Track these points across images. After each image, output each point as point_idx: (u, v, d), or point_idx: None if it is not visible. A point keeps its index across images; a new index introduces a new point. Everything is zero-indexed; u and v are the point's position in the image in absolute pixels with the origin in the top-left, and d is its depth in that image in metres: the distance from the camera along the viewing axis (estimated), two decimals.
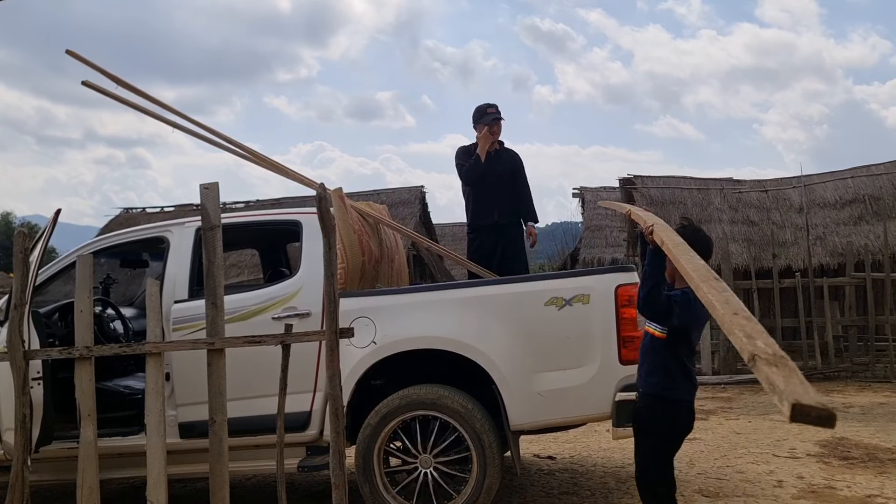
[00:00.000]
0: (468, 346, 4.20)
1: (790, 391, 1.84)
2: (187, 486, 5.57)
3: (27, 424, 3.84)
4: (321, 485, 5.39)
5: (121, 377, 5.23)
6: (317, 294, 4.25)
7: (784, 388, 1.86)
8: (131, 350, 3.98)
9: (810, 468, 5.46)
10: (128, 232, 5.05)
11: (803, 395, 1.81)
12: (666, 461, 3.44)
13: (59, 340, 4.70)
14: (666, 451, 3.43)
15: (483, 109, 5.89)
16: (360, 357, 4.23)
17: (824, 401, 1.78)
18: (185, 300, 4.47)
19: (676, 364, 3.28)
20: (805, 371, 10.56)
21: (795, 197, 14.46)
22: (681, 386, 3.30)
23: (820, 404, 1.76)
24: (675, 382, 3.28)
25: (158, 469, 3.74)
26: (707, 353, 11.06)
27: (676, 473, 5.32)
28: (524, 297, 4.30)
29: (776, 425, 7.18)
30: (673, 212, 14.54)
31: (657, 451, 3.41)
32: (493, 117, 5.85)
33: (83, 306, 3.89)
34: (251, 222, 5.28)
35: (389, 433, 4.23)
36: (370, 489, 4.22)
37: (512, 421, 4.17)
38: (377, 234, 5.22)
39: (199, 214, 3.88)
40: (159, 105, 4.93)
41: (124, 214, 19.76)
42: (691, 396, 3.35)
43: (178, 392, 4.37)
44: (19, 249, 3.92)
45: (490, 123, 5.83)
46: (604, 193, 22.47)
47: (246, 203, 19.14)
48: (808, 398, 1.79)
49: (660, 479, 3.43)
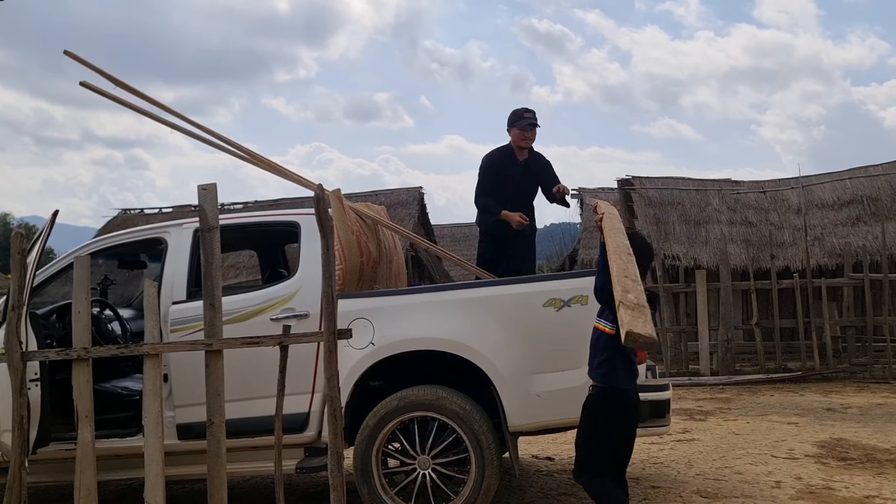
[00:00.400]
0: (466, 347, 4.20)
1: (630, 324, 2.74)
2: (185, 488, 5.57)
3: (25, 426, 3.83)
4: (319, 486, 5.38)
5: (119, 378, 5.21)
6: (315, 295, 4.25)
7: (627, 322, 2.76)
8: (129, 351, 3.97)
9: (808, 469, 5.46)
10: (126, 233, 5.04)
11: (638, 327, 2.72)
12: (606, 455, 3.65)
13: (56, 342, 4.69)
14: (607, 445, 3.64)
15: (519, 114, 5.70)
16: (358, 358, 4.22)
17: (652, 334, 2.74)
18: (183, 301, 4.47)
19: (622, 357, 3.59)
20: (803, 372, 10.58)
21: (793, 198, 14.49)
22: (624, 376, 3.62)
23: (647, 334, 2.71)
24: (619, 373, 3.60)
25: (156, 470, 3.73)
26: (705, 354, 11.07)
27: (675, 475, 5.35)
28: (522, 298, 4.30)
29: (774, 426, 7.19)
30: (671, 212, 14.57)
31: (599, 442, 3.65)
32: (528, 122, 5.65)
33: (81, 307, 3.88)
34: (249, 223, 5.28)
35: (388, 434, 4.23)
36: (368, 490, 4.21)
37: (510, 422, 4.17)
38: (375, 235, 5.22)
39: (198, 215, 3.87)
40: (158, 106, 4.92)
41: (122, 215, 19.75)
42: (634, 386, 3.69)
43: (176, 393, 4.36)
44: (17, 250, 3.91)
45: (525, 128, 5.65)
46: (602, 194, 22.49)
47: (244, 204, 19.14)
48: (639, 329, 2.71)
49: (595, 471, 3.65)
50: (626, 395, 3.63)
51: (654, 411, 4.27)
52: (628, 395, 3.65)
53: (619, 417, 3.63)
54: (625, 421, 3.65)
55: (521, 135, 5.68)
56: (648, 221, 14.39)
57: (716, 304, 11.29)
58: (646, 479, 5.32)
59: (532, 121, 5.67)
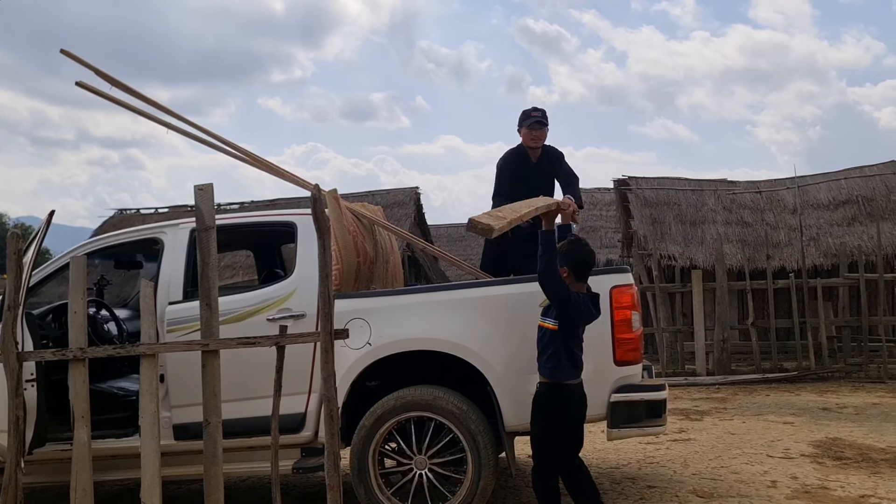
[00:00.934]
0: (463, 347, 4.21)
1: (477, 218, 3.96)
2: (181, 488, 5.56)
3: (21, 426, 3.83)
4: (316, 486, 5.38)
5: (115, 379, 5.21)
6: (312, 295, 4.25)
7: (476, 217, 3.95)
8: (125, 351, 3.97)
9: (804, 468, 5.48)
10: (122, 233, 5.03)
11: (481, 217, 3.98)
12: (559, 451, 3.87)
13: (52, 342, 4.68)
14: (559, 440, 3.85)
15: (528, 113, 5.62)
16: (355, 358, 4.22)
17: (491, 224, 3.92)
18: (180, 301, 4.46)
19: (566, 352, 3.82)
20: (799, 371, 10.61)
21: (789, 198, 14.53)
22: (569, 371, 3.84)
23: (485, 222, 3.93)
24: (565, 368, 3.82)
25: (153, 471, 3.74)
26: (701, 354, 11.09)
27: (671, 475, 5.36)
28: (518, 298, 4.30)
29: (770, 426, 7.20)
30: (668, 212, 14.60)
31: (549, 439, 3.86)
32: (536, 120, 5.58)
33: (77, 308, 3.87)
34: (246, 223, 5.28)
35: (384, 434, 4.23)
36: (365, 490, 4.21)
37: (507, 422, 4.17)
38: (372, 236, 5.22)
39: (194, 216, 3.87)
40: (154, 105, 4.91)
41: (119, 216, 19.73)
42: (579, 380, 3.89)
43: (173, 394, 4.35)
44: (13, 251, 3.91)
45: (532, 127, 5.58)
46: (598, 195, 22.55)
47: (240, 204, 19.12)
48: (479, 218, 3.98)
49: (552, 470, 3.90)
50: (570, 389, 3.85)
51: (651, 411, 4.27)
52: (573, 389, 3.86)
53: (566, 410, 3.84)
54: (572, 413, 3.86)
55: (530, 134, 5.62)
56: (645, 221, 14.42)
57: (712, 304, 11.31)
58: (642, 478, 5.33)
59: (540, 118, 5.59)
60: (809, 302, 11.17)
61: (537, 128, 5.58)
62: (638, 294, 4.43)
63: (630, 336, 4.19)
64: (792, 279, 11.19)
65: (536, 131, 5.59)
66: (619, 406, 4.15)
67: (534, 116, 5.57)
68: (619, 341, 4.17)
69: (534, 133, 5.59)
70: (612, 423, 4.16)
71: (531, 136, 5.61)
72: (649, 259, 13.92)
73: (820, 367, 10.75)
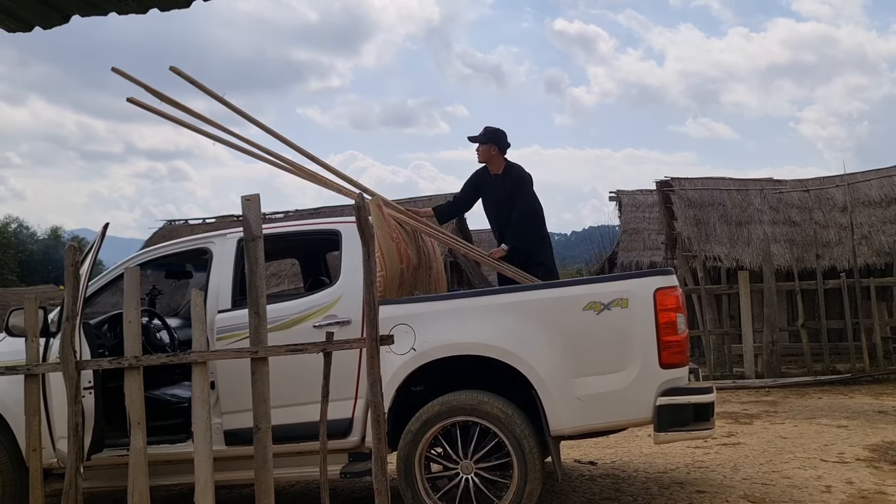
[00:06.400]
0: (507, 351, 4.22)
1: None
2: (232, 493, 5.67)
3: (80, 433, 3.95)
4: (363, 491, 5.43)
5: (167, 386, 5.34)
6: (356, 302, 4.31)
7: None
8: (178, 359, 4.08)
9: (860, 473, 5.34)
10: (172, 244, 5.16)
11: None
12: None
13: (108, 351, 4.82)
14: None
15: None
16: (400, 364, 4.26)
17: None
18: (229, 310, 4.56)
19: None
20: (852, 374, 10.33)
21: (839, 196, 14.17)
22: None
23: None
24: None
25: (206, 476, 3.82)
26: (750, 357, 10.88)
27: (720, 479, 5.28)
28: (562, 301, 4.30)
29: (824, 429, 7.04)
30: (712, 213, 14.36)
31: None
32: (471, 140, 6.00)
33: (131, 317, 3.99)
34: (292, 232, 5.36)
35: (430, 439, 4.26)
36: (412, 495, 4.24)
37: (552, 426, 4.17)
38: (415, 242, 5.26)
39: (240, 225, 3.96)
40: (201, 119, 5.02)
41: (167, 226, 20.17)
42: None
43: (223, 400, 4.45)
44: (70, 263, 4.04)
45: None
46: (640, 196, 22.29)
47: (285, 213, 19.39)
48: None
49: None
50: None
51: (698, 414, 4.22)
52: None
53: None
54: None
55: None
56: (689, 223, 14.21)
57: (759, 305, 11.09)
58: (691, 483, 5.26)
59: (474, 137, 5.96)
60: (862, 302, 10.88)
61: (477, 145, 5.97)
62: (683, 296, 4.39)
63: (675, 338, 4.15)
64: (843, 279, 10.91)
65: (477, 150, 5.98)
66: (666, 409, 4.11)
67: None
68: (665, 344, 4.13)
69: (476, 150, 5.99)
70: (659, 427, 4.12)
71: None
72: (694, 261, 13.71)
73: (875, 369, 10.45)
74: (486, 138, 5.94)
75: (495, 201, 5.96)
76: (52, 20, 2.40)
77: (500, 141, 5.95)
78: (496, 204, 5.96)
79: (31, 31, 2.44)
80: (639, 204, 22.21)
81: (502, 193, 5.90)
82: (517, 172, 5.95)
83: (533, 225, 5.87)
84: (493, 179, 5.98)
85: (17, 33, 2.46)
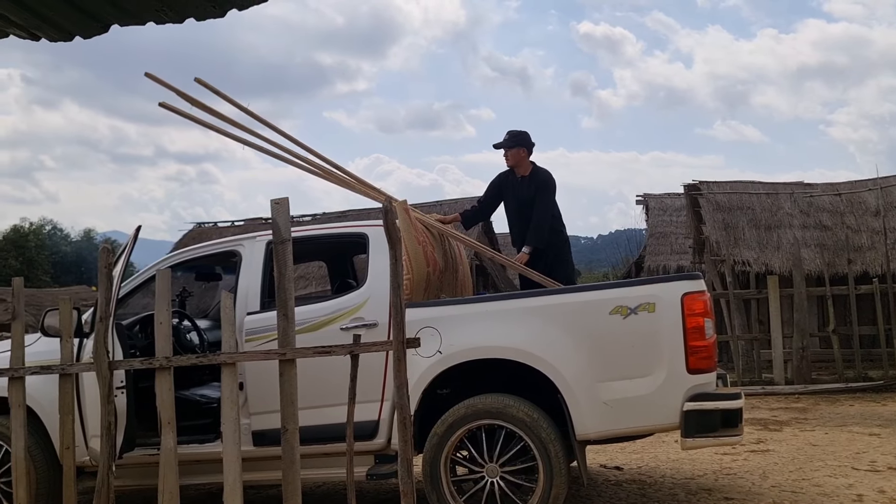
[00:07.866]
0: (533, 355, 4.22)
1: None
2: (260, 493, 5.73)
3: (112, 431, 4.03)
4: (389, 493, 5.46)
5: (197, 387, 5.41)
6: (383, 305, 4.34)
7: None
8: (207, 360, 4.13)
9: (892, 482, 5.24)
10: (202, 246, 5.24)
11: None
12: None
13: (139, 351, 4.90)
14: None
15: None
16: (426, 367, 4.28)
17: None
18: (257, 312, 4.61)
19: None
20: (885, 381, 10.15)
21: (871, 200, 13.95)
22: None
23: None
24: None
25: (234, 476, 3.87)
26: (779, 362, 10.73)
27: (749, 486, 5.23)
28: (589, 305, 4.29)
29: (855, 437, 6.92)
30: (741, 217, 14.22)
31: None
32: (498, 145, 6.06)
33: (162, 318, 4.06)
34: (320, 235, 5.42)
35: (456, 442, 4.27)
36: (438, 497, 4.26)
37: (578, 430, 4.16)
38: (441, 245, 5.29)
39: (269, 228, 4.01)
40: (230, 123, 5.10)
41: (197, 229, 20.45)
42: None
43: (252, 401, 4.50)
44: (104, 264, 4.12)
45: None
46: (668, 200, 22.12)
47: (313, 216, 19.56)
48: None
49: None
50: None
51: (726, 420, 4.19)
52: None
53: None
54: None
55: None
56: (717, 226, 14.08)
57: (789, 310, 10.94)
58: (719, 490, 5.21)
59: (500, 144, 6.03)
60: (895, 308, 10.69)
61: (504, 151, 6.05)
62: (710, 301, 4.35)
63: (703, 343, 4.12)
64: (876, 284, 10.73)
65: (505, 155, 6.06)
66: (693, 415, 4.08)
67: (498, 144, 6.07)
68: (692, 349, 4.10)
69: (504, 156, 6.06)
70: (686, 433, 4.09)
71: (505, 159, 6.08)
72: (722, 265, 13.57)
73: None
74: (513, 142, 5.99)
75: (518, 203, 5.99)
76: (92, 30, 2.46)
77: (527, 143, 6.04)
78: (518, 206, 5.99)
79: (71, 41, 2.50)
80: (666, 207, 22.04)
81: (526, 195, 5.93)
82: (543, 176, 6.00)
83: (552, 226, 5.93)
84: (518, 181, 6.02)
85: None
